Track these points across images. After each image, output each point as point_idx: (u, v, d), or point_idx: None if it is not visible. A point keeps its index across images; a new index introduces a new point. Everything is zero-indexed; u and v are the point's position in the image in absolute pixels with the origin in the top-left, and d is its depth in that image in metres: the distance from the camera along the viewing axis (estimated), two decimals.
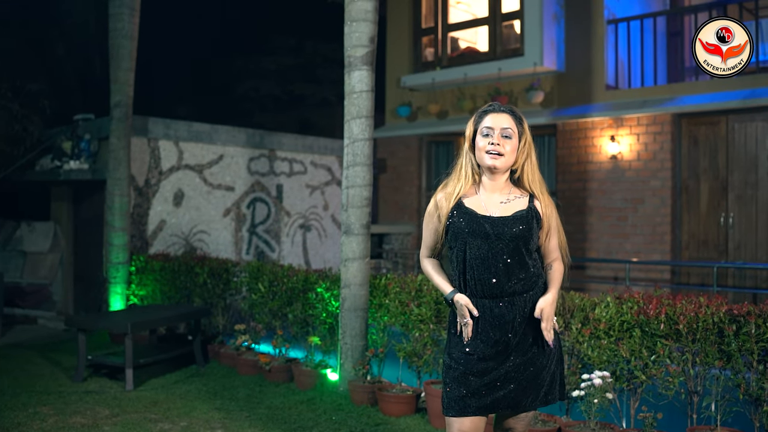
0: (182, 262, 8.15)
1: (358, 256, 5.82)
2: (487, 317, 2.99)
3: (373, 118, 5.95)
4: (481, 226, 2.98)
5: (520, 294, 2.99)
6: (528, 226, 2.99)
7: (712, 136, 9.92)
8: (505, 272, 2.95)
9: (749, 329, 4.08)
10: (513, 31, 11.74)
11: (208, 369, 6.99)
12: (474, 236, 2.98)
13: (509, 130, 2.98)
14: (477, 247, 2.97)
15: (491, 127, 2.99)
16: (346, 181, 5.87)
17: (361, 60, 5.84)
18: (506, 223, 2.97)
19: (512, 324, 2.98)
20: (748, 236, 9.62)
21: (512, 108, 3.10)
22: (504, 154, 2.97)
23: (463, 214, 3.03)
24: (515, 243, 2.96)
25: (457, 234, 3.03)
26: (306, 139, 11.72)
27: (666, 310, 4.39)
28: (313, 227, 11.73)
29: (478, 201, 3.06)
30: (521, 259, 2.97)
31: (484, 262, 2.96)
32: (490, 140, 2.98)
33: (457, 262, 3.05)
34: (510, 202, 3.04)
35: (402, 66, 13.05)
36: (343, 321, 5.86)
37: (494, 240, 2.96)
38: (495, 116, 3.02)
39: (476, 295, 3.00)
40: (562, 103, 11.18)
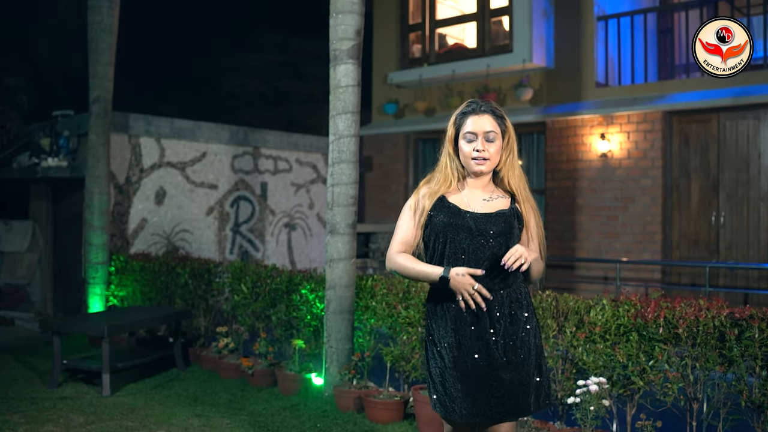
0: (163, 263, 7.91)
1: (344, 256, 5.61)
2: (468, 315, 2.91)
3: (360, 114, 5.75)
4: (464, 221, 2.94)
5: (497, 291, 2.92)
6: (509, 225, 2.96)
7: (703, 134, 9.79)
8: (490, 268, 2.90)
9: (752, 333, 3.91)
10: (501, 27, 11.57)
11: (189, 373, 6.76)
12: (456, 231, 2.94)
13: (492, 133, 2.94)
14: (459, 241, 2.93)
15: (474, 132, 2.94)
16: (332, 178, 5.67)
17: (347, 53, 5.64)
18: (489, 220, 2.94)
19: (492, 323, 2.90)
20: (740, 236, 9.49)
21: (492, 107, 3.01)
22: (490, 158, 2.95)
23: (445, 209, 2.99)
24: (497, 240, 2.92)
25: (437, 229, 2.98)
26: (291, 137, 11.50)
27: (665, 313, 4.22)
28: (299, 226, 11.52)
29: (461, 198, 3.03)
30: (502, 256, 2.88)
31: (468, 255, 2.91)
32: (474, 146, 2.94)
33: (434, 258, 2.98)
34: (493, 200, 3.02)
35: (389, 62, 12.85)
36: (329, 324, 5.66)
37: (477, 235, 2.92)
38: (477, 119, 2.96)
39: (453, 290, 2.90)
40: (552, 101, 11.03)
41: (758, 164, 9.36)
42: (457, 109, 3.08)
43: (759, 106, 9.28)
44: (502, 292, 2.93)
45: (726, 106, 9.41)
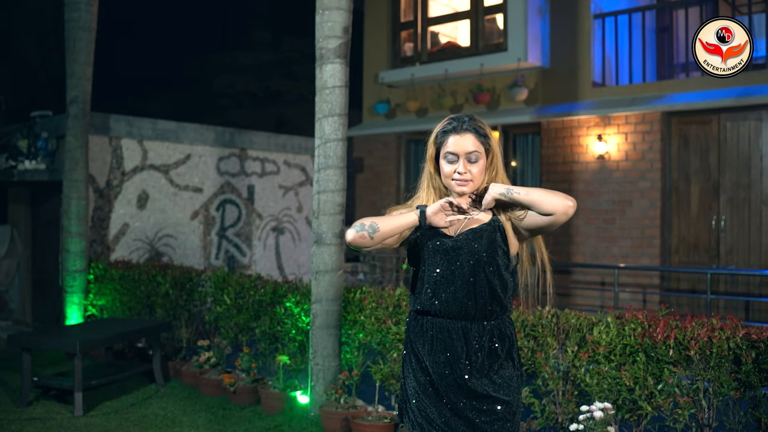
0: (143, 271, 7.57)
1: (331, 268, 5.29)
2: (442, 339, 2.69)
3: (347, 116, 5.42)
4: (441, 242, 2.73)
5: (478, 320, 2.68)
6: (490, 241, 2.70)
7: (703, 135, 9.50)
8: (465, 292, 2.67)
9: None
10: (496, 25, 11.26)
11: (169, 389, 6.42)
12: (433, 252, 2.73)
13: (475, 153, 2.70)
14: (436, 264, 2.72)
15: (455, 153, 2.70)
16: (317, 185, 5.34)
17: (333, 52, 5.31)
18: (467, 239, 2.71)
19: (466, 353, 2.66)
20: (741, 240, 9.20)
21: (475, 124, 2.74)
22: (473, 179, 2.71)
23: (428, 231, 2.76)
24: (476, 260, 2.68)
25: (417, 249, 2.79)
26: (279, 138, 11.16)
27: (675, 333, 3.90)
28: (287, 230, 11.18)
29: None
30: (484, 279, 2.67)
31: (443, 279, 2.69)
32: (455, 168, 2.71)
33: (416, 281, 2.80)
34: (473, 217, 2.77)
35: (380, 61, 12.53)
36: (314, 339, 5.33)
37: (453, 256, 2.70)
38: (458, 139, 2.71)
39: (432, 313, 2.72)
40: (547, 101, 10.72)
41: (760, 167, 9.07)
42: (438, 125, 2.80)
43: (761, 107, 9.00)
44: (485, 324, 2.69)
45: (727, 106, 9.12)
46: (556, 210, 2.58)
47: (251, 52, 21.12)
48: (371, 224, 2.67)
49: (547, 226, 2.65)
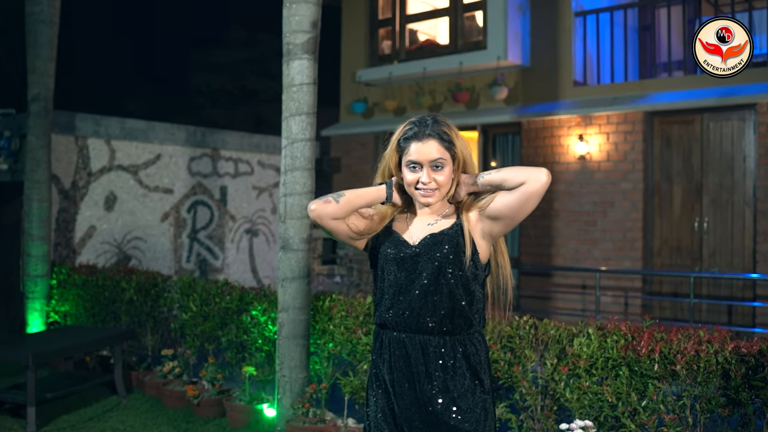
0: (107, 276, 7.25)
1: (298, 275, 5.01)
2: (400, 356, 2.47)
3: (316, 115, 5.15)
4: (399, 250, 2.52)
5: (440, 334, 2.44)
6: (452, 246, 2.46)
7: (685, 135, 9.31)
8: (422, 303, 2.44)
9: (764, 374, 3.37)
10: (475, 23, 11.02)
11: (131, 401, 6.11)
12: (392, 261, 2.52)
13: (440, 160, 2.47)
14: (395, 273, 2.50)
15: (418, 162, 2.47)
16: (284, 188, 5.06)
17: (301, 48, 5.04)
18: (426, 245, 2.49)
19: (426, 371, 2.43)
20: (723, 242, 9.02)
21: (439, 129, 2.49)
22: (438, 188, 2.48)
23: (388, 236, 2.59)
24: (436, 267, 2.45)
25: (378, 259, 2.58)
26: (253, 138, 10.86)
27: (660, 347, 3.67)
28: (261, 232, 10.88)
29: (404, 222, 2.62)
30: (444, 289, 2.45)
31: (402, 290, 2.48)
32: (418, 176, 2.47)
33: (376, 292, 2.61)
34: (437, 222, 2.56)
35: (357, 60, 12.26)
36: (281, 350, 5.05)
37: (411, 264, 2.48)
38: (420, 147, 2.46)
39: (390, 327, 2.51)
40: (527, 100, 10.50)
41: (743, 167, 8.89)
42: (398, 129, 2.55)
43: (744, 107, 8.82)
44: (447, 339, 2.45)
45: (710, 106, 8.93)
46: (528, 177, 2.37)
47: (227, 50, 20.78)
48: (337, 193, 2.50)
49: (521, 203, 2.40)
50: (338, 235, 2.53)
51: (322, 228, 2.51)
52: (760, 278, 8.16)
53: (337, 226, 2.49)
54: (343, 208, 2.47)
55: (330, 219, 2.46)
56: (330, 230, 2.50)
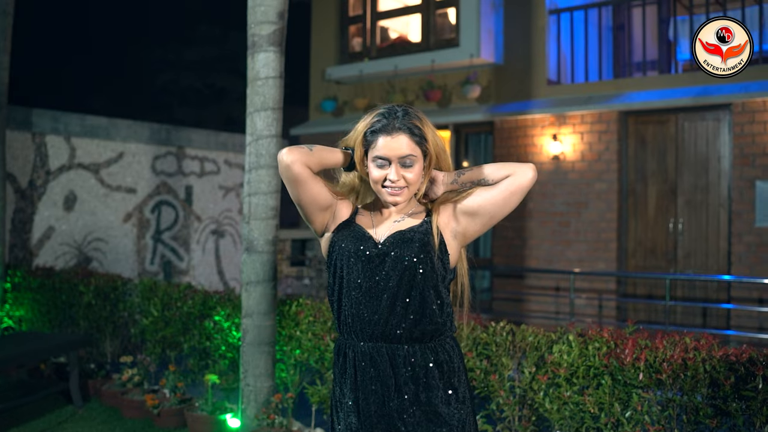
0: (64, 279, 6.92)
1: (263, 278, 4.76)
2: (366, 369, 2.24)
3: (282, 110, 4.90)
4: (365, 247, 2.28)
5: (410, 342, 2.22)
6: (422, 245, 2.25)
7: (660, 135, 9.19)
8: (390, 307, 2.22)
9: (756, 384, 3.18)
10: (447, 20, 10.83)
11: (87, 411, 5.80)
12: (355, 260, 2.28)
13: (410, 157, 2.25)
14: (358, 273, 2.26)
15: (386, 158, 2.24)
16: (248, 187, 4.80)
17: (267, 39, 4.79)
18: (393, 243, 2.27)
19: (395, 383, 2.21)
20: (698, 244, 8.91)
21: (410, 122, 2.27)
22: (408, 185, 2.28)
23: (349, 230, 2.35)
24: (404, 268, 2.23)
25: (336, 255, 2.32)
26: (219, 136, 10.56)
27: (646, 355, 3.47)
28: (227, 233, 10.59)
29: (369, 220, 2.40)
30: (414, 292, 2.23)
31: (365, 292, 2.25)
32: (385, 173, 2.26)
33: (333, 293, 2.35)
34: (404, 220, 2.36)
35: (327, 57, 12.01)
36: (245, 357, 4.79)
37: (376, 264, 2.25)
38: (389, 141, 2.24)
39: (354, 335, 2.28)
40: (500, 99, 10.33)
41: (718, 168, 8.79)
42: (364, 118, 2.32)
43: (719, 107, 8.73)
44: (416, 347, 2.24)
45: (685, 106, 8.82)
46: (514, 170, 2.23)
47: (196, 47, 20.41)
48: (306, 145, 2.27)
49: (505, 198, 2.24)
50: (306, 191, 2.26)
51: (290, 183, 2.25)
52: (735, 280, 8.05)
53: (307, 176, 2.23)
54: (315, 157, 2.24)
55: (302, 165, 2.21)
56: (299, 183, 2.23)
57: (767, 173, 8.30)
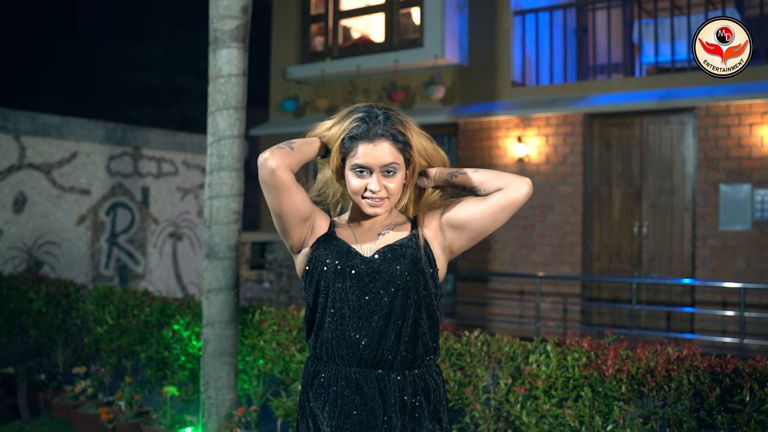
0: (12, 285, 6.60)
1: (225, 285, 4.53)
2: (351, 397, 2.03)
3: (245, 110, 4.69)
4: (352, 264, 2.10)
5: (400, 369, 2.07)
6: (414, 261, 2.09)
7: (625, 138, 9.15)
8: (381, 331, 2.05)
9: (743, 396, 3.07)
10: (411, 20, 10.69)
11: (36, 426, 5.50)
12: (341, 277, 2.09)
13: (392, 165, 2.06)
14: (345, 291, 2.08)
15: (366, 166, 2.05)
16: (210, 189, 4.58)
17: (230, 35, 4.57)
18: (385, 259, 2.09)
19: (383, 413, 2.02)
20: (663, 247, 8.89)
21: (392, 127, 2.09)
22: (389, 196, 2.10)
23: (330, 245, 2.14)
24: (398, 287, 2.06)
25: (318, 272, 2.12)
26: (177, 136, 10.26)
27: (629, 367, 3.34)
28: (185, 236, 10.29)
29: (350, 233, 2.20)
30: (408, 313, 2.06)
31: (354, 313, 2.06)
32: (365, 183, 2.06)
33: (313, 314, 2.15)
34: (389, 232, 2.18)
35: (288, 56, 11.78)
36: (206, 369, 4.56)
37: (368, 282, 2.07)
38: (370, 149, 2.05)
39: (338, 359, 2.08)
40: (465, 100, 10.21)
41: (682, 171, 8.78)
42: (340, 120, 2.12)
43: (683, 110, 8.72)
44: (407, 374, 2.07)
45: (649, 109, 8.79)
46: (509, 183, 2.06)
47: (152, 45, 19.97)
48: (285, 141, 2.06)
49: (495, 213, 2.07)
50: (289, 200, 2.05)
51: (272, 191, 2.03)
52: (700, 284, 8.03)
53: (292, 183, 2.03)
54: (297, 157, 2.04)
55: (287, 170, 2.00)
56: (283, 190, 2.02)
57: (731, 177, 8.31)
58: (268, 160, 1.98)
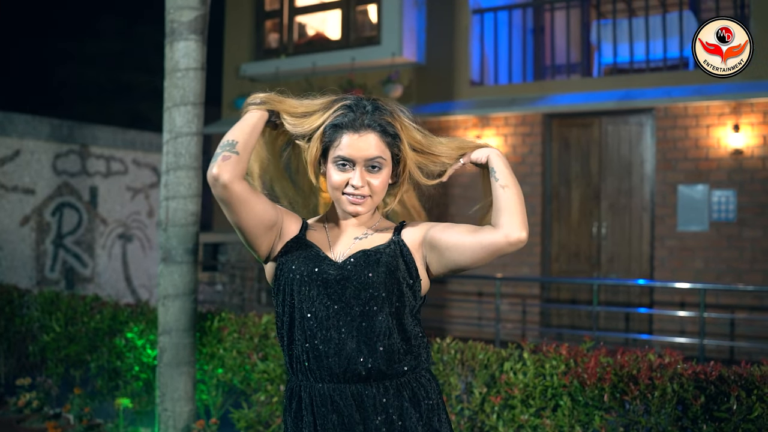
0: None
1: (182, 291, 4.30)
2: (328, 416, 1.83)
3: (204, 106, 4.46)
4: (321, 270, 1.90)
5: (379, 379, 1.88)
6: (390, 270, 1.89)
7: (584, 138, 9.13)
8: (356, 340, 1.86)
9: (729, 405, 2.97)
10: (368, 17, 10.50)
11: None
12: (309, 284, 1.89)
13: (378, 160, 1.88)
14: (312, 300, 1.88)
15: (350, 159, 1.87)
16: (166, 190, 4.33)
17: (188, 27, 4.33)
18: (357, 265, 1.90)
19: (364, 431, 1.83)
20: (621, 248, 8.89)
21: (381, 118, 1.92)
22: (372, 194, 1.92)
23: (298, 248, 1.96)
24: (369, 295, 1.87)
25: (285, 280, 1.93)
26: (127, 134, 9.90)
27: (611, 376, 3.21)
28: (136, 237, 9.94)
29: (324, 236, 2.02)
30: (383, 321, 1.87)
31: (322, 324, 1.87)
32: (348, 178, 1.89)
33: (282, 326, 1.95)
34: (367, 237, 2.00)
35: (242, 53, 11.50)
36: (162, 379, 4.32)
37: (338, 290, 1.88)
38: (355, 140, 1.88)
39: (309, 375, 1.89)
40: (422, 99, 10.07)
41: (641, 172, 8.78)
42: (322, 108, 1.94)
43: (642, 111, 8.72)
44: (387, 385, 1.88)
45: (608, 109, 8.77)
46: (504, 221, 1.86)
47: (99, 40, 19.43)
48: (224, 144, 1.81)
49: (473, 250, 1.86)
50: (249, 212, 1.84)
51: (229, 206, 1.82)
52: (661, 285, 8.02)
53: (248, 193, 1.82)
54: (244, 154, 1.82)
55: (240, 180, 1.80)
56: (240, 203, 1.82)
57: (689, 178, 8.34)
58: (219, 177, 1.77)
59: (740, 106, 8.09)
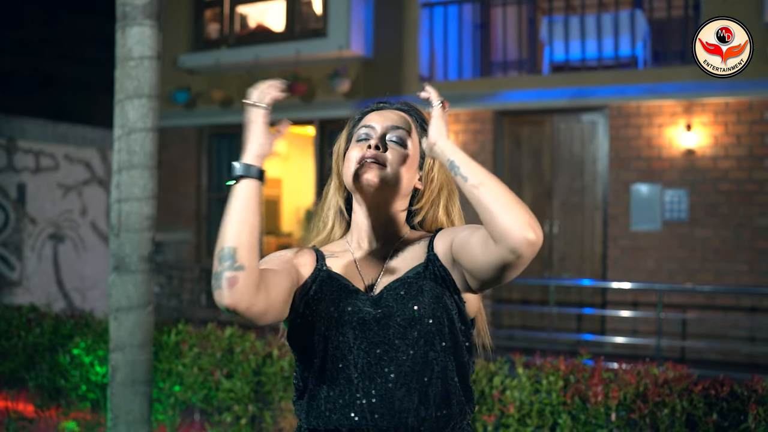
0: None
1: (137, 303, 3.91)
2: None
3: (159, 98, 4.08)
4: (353, 306, 1.59)
5: None
6: (435, 300, 1.59)
7: (536, 136, 9.00)
8: (403, 391, 1.54)
9: (748, 425, 2.79)
10: (313, 9, 10.16)
11: None
12: (339, 327, 1.57)
13: (401, 131, 1.65)
14: (345, 346, 1.57)
15: (371, 126, 1.71)
16: (118, 191, 3.93)
17: (141, 11, 3.94)
18: (396, 297, 1.59)
19: None
20: (573, 247, 8.80)
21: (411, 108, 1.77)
22: (386, 165, 1.65)
23: (322, 286, 1.62)
24: (418, 332, 1.56)
25: (306, 325, 1.60)
26: (58, 127, 9.30)
27: (617, 392, 3.00)
28: (68, 237, 9.35)
29: (350, 263, 1.69)
30: (433, 366, 1.56)
31: (361, 373, 1.55)
32: (366, 143, 1.67)
33: (304, 376, 1.62)
34: (398, 255, 1.68)
35: (179, 43, 10.99)
36: (115, 400, 3.92)
37: (377, 330, 1.57)
38: (382, 113, 1.74)
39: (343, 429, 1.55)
40: (370, 94, 9.77)
41: (593, 171, 8.71)
42: None
43: (595, 109, 8.64)
44: None
45: (560, 107, 8.67)
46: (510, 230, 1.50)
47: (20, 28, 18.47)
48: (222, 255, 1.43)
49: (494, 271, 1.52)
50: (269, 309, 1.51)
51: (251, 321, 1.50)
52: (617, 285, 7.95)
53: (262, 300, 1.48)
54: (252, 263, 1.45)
55: (257, 295, 1.46)
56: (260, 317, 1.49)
57: (642, 177, 8.29)
58: (236, 308, 1.43)
59: (692, 105, 8.08)
